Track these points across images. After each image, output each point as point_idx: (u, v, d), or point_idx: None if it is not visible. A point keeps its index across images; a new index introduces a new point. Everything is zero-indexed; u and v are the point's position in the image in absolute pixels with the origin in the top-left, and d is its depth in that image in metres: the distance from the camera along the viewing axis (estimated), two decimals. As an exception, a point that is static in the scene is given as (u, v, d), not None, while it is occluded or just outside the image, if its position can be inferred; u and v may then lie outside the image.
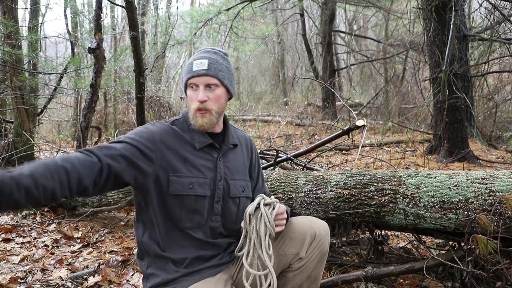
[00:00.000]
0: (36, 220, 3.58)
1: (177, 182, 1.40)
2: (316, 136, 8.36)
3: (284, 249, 1.49)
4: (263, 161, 3.98)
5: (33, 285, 2.34)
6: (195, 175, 1.43)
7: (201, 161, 1.46)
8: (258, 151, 3.88)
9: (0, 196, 1.07)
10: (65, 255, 2.82)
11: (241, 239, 1.45)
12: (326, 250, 1.51)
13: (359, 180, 2.12)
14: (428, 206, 1.90)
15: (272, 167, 3.22)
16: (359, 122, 2.89)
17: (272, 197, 1.47)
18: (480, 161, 5.09)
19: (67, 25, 9.36)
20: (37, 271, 2.53)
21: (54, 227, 3.41)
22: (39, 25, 7.79)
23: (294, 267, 1.49)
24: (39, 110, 6.92)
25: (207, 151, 1.49)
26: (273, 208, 1.42)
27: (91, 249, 2.95)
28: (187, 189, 1.41)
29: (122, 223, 3.54)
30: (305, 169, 3.21)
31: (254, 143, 1.73)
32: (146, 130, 1.43)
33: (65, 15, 9.75)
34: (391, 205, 2.00)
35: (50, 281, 2.39)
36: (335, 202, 2.14)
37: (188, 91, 1.48)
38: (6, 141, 6.14)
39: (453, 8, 4.64)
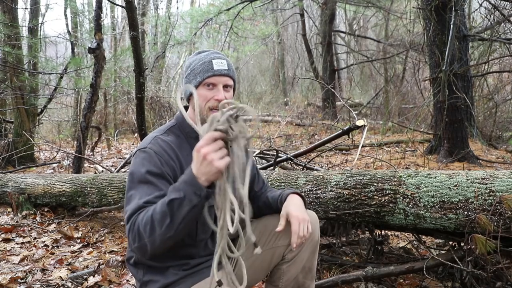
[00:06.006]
0: (36, 220, 3.57)
1: None
2: (316, 136, 8.36)
3: (277, 242, 1.50)
4: (263, 161, 3.95)
5: (33, 285, 2.34)
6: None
7: None
8: (258, 151, 3.89)
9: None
10: (65, 255, 2.82)
11: None
12: (317, 240, 1.53)
13: (359, 180, 2.12)
14: (428, 206, 1.90)
15: (272, 167, 3.22)
16: (359, 122, 2.89)
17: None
18: (480, 161, 5.08)
19: (67, 25, 9.38)
20: (37, 271, 2.53)
21: (54, 227, 3.41)
22: (39, 25, 7.80)
23: (288, 258, 1.50)
24: (39, 110, 6.92)
25: None
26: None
27: (91, 249, 2.95)
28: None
29: (122, 223, 3.54)
30: (305, 169, 3.21)
31: None
32: (152, 158, 1.35)
33: (65, 15, 9.78)
34: (391, 205, 2.00)
35: (50, 281, 2.39)
36: (335, 202, 2.14)
37: (201, 90, 1.42)
38: (6, 141, 6.15)
39: (453, 8, 4.63)
